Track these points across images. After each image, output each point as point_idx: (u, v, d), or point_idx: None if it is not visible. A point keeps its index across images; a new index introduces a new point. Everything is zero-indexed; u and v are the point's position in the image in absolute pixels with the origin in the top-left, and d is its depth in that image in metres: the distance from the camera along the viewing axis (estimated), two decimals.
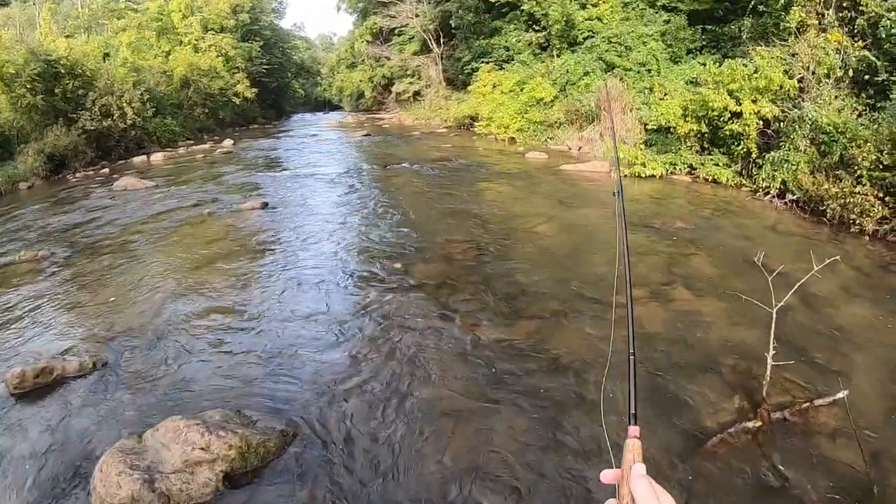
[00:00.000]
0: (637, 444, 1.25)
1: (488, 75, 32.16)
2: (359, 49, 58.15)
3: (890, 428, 5.37)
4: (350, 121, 49.88)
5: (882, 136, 11.17)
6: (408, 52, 48.15)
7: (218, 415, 5.27)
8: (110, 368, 6.67)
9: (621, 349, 1.56)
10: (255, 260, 10.32)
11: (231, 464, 4.74)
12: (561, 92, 26.32)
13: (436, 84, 44.98)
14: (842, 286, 8.59)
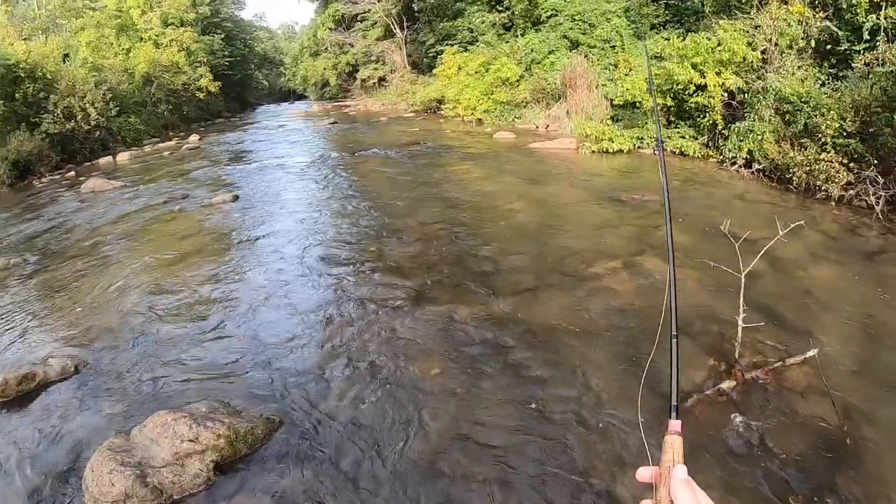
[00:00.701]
0: (678, 441, 1.18)
1: (453, 58, 32.05)
2: (322, 37, 57.68)
3: (860, 383, 5.46)
4: (316, 110, 49.35)
5: (845, 104, 11.30)
6: (371, 38, 47.86)
7: (204, 406, 5.25)
8: (92, 370, 6.56)
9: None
10: (229, 253, 10.21)
11: (221, 453, 4.74)
12: (526, 71, 26.27)
13: (401, 69, 44.77)
14: (809, 250, 8.68)
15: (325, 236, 10.87)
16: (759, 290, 7.18)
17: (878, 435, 4.75)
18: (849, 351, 6.00)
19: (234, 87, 59.46)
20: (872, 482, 4.28)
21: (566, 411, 5.25)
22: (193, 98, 45.34)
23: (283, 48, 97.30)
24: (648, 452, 1.28)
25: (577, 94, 20.74)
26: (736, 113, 14.94)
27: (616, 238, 9.69)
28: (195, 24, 50.94)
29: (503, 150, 19.75)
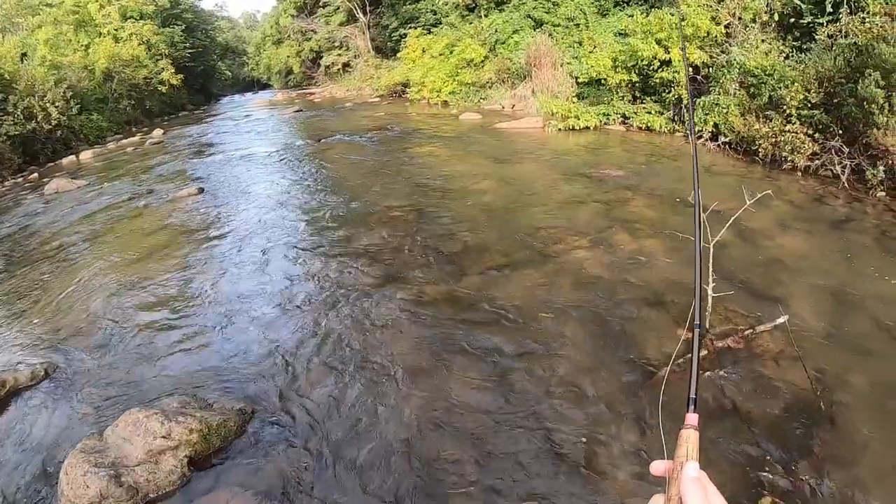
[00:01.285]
0: (694, 436, 1.11)
1: (417, 40, 31.83)
2: (284, 24, 57.02)
3: (831, 348, 5.48)
4: (280, 98, 48.71)
5: (809, 76, 11.35)
6: (334, 24, 47.36)
7: (175, 401, 5.18)
8: (62, 372, 6.41)
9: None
10: (196, 246, 10.01)
11: (194, 448, 4.68)
12: (491, 52, 26.16)
13: (365, 53, 44.39)
14: (777, 220, 8.70)
15: (292, 225, 10.70)
16: (728, 260, 7.19)
17: (851, 398, 4.77)
18: (819, 317, 6.01)
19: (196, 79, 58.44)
20: (846, 445, 4.29)
21: (538, 387, 5.22)
22: (156, 92, 44.35)
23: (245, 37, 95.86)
24: (664, 445, 1.22)
25: (542, 72, 20.64)
26: (701, 87, 14.95)
27: (584, 214, 9.66)
28: (155, 17, 49.86)
29: (469, 131, 19.65)
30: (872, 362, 5.26)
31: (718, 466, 4.12)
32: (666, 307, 6.42)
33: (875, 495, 3.85)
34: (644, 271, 7.34)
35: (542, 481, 4.16)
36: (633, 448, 4.41)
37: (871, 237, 8.09)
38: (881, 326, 5.82)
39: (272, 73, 70.38)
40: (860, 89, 9.97)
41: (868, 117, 9.88)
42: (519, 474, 4.23)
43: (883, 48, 9.89)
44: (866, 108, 9.86)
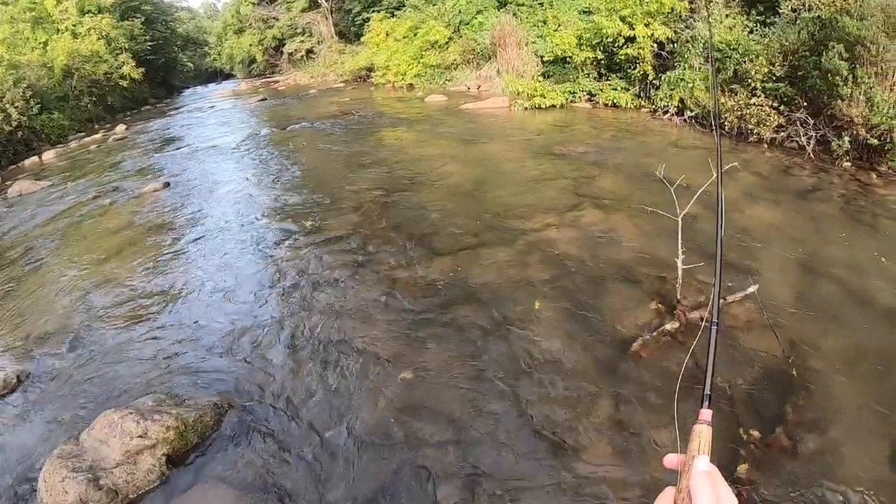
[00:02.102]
0: (707, 431, 1.10)
1: (380, 24, 31.53)
2: (245, 13, 56.02)
3: (801, 314, 5.53)
4: (244, 88, 47.94)
5: (773, 50, 11.47)
6: (296, 10, 46.75)
7: (150, 400, 5.09)
8: (35, 378, 6.21)
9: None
10: (164, 241, 9.76)
11: (171, 445, 4.62)
12: (455, 33, 25.90)
13: (328, 39, 43.93)
14: (744, 191, 8.71)
15: (260, 215, 10.48)
16: (697, 232, 7.18)
17: (823, 363, 4.80)
18: (788, 285, 6.06)
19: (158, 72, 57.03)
20: (820, 409, 4.32)
21: (515, 365, 5.17)
22: (117, 87, 43.19)
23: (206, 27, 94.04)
24: (678, 438, 1.23)
25: (507, 52, 20.55)
26: (666, 63, 14.98)
27: (552, 191, 9.59)
28: (113, 10, 48.54)
29: (436, 113, 19.51)
30: (842, 327, 5.32)
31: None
32: (637, 281, 6.40)
33: (849, 458, 3.88)
34: (614, 246, 7.32)
35: (522, 459, 4.13)
36: (610, 421, 4.40)
37: (838, 206, 8.16)
38: (849, 292, 5.89)
39: (235, 62, 69.26)
40: (824, 62, 10.04)
41: (832, 89, 9.96)
42: (500, 453, 4.20)
43: (846, 21, 9.95)
44: (830, 80, 9.92)
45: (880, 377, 4.63)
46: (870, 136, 9.35)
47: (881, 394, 4.43)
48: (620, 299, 6.07)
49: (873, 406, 4.32)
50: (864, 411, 4.28)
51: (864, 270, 6.32)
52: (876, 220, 7.68)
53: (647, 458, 4.02)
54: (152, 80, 52.34)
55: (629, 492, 3.79)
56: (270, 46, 55.02)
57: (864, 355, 4.90)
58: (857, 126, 9.51)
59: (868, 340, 5.11)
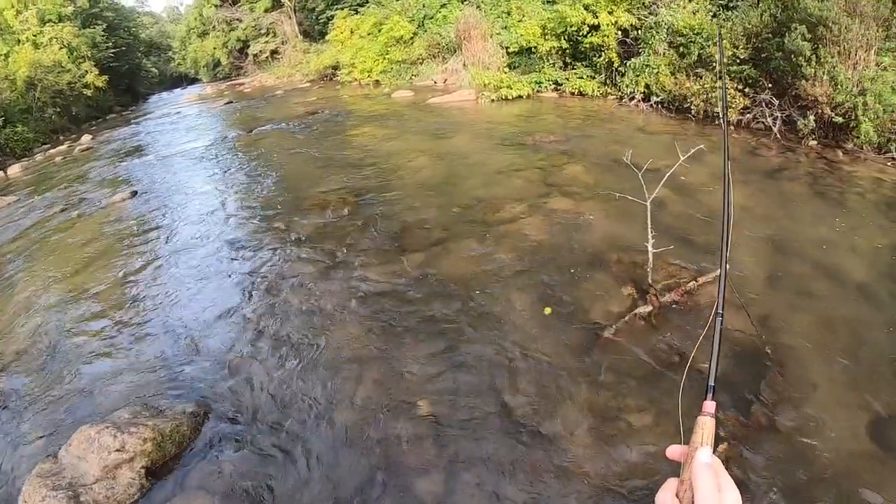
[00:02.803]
0: (710, 423, 1.12)
1: (345, 21, 31.32)
2: (208, 15, 55.38)
3: (773, 293, 5.57)
4: (210, 92, 47.46)
5: (737, 33, 11.55)
6: (259, 10, 46.35)
7: (126, 412, 4.96)
8: (7, 398, 6.01)
9: None
10: (133, 252, 9.51)
11: (150, 457, 4.51)
12: (420, 28, 25.87)
13: (293, 39, 43.63)
14: (712, 174, 8.73)
15: (229, 219, 10.30)
16: (667, 216, 7.25)
17: (796, 340, 4.84)
18: (759, 264, 6.10)
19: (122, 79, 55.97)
20: (794, 385, 4.35)
21: (490, 357, 5.13)
22: (81, 97, 42.28)
23: (169, 32, 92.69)
24: (682, 430, 1.21)
25: (472, 45, 20.50)
26: (631, 50, 15.01)
27: (521, 181, 9.53)
28: (74, 18, 47.71)
29: (403, 108, 19.41)
30: (814, 303, 5.38)
31: (673, 416, 4.07)
32: (608, 266, 6.38)
33: (826, 431, 3.92)
34: (584, 233, 7.29)
35: (502, 450, 4.10)
36: (587, 408, 4.38)
37: (805, 184, 8.26)
38: (819, 268, 5.96)
39: (199, 66, 68.50)
40: (787, 43, 10.11)
41: (796, 70, 10.04)
42: (478, 446, 4.17)
43: (808, 2, 10.03)
44: (794, 60, 9.99)
45: (852, 350, 4.69)
46: (834, 114, 9.46)
47: (853, 366, 4.51)
48: (593, 285, 6.04)
49: (846, 378, 4.40)
50: (838, 384, 4.34)
51: (833, 245, 6.41)
52: (843, 196, 7.80)
53: (625, 443, 4.01)
54: (117, 87, 51.46)
55: (609, 477, 3.77)
56: (235, 48, 54.49)
57: (836, 329, 4.96)
58: (822, 105, 9.61)
59: (839, 314, 5.18)
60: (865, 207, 7.44)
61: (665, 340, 4.98)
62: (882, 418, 4.01)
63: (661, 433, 4.04)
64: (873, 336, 4.87)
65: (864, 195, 7.82)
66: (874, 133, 9.04)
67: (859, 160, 9.08)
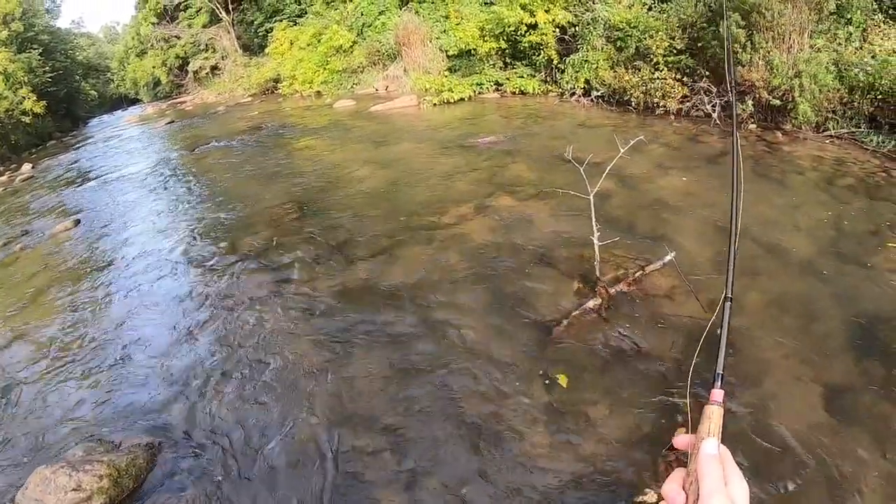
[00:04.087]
0: (718, 412, 1.07)
1: (284, 33, 31.04)
2: (145, 33, 54.44)
3: (720, 276, 5.51)
4: (151, 112, 46.60)
5: (672, 24, 11.73)
6: (197, 26, 45.70)
7: (80, 450, 4.79)
8: None
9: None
10: (79, 283, 9.14)
11: (107, 494, 4.33)
12: (359, 36, 25.72)
13: (232, 53, 43.08)
14: (655, 163, 8.80)
15: (174, 243, 9.96)
16: (611, 208, 7.27)
17: (747, 320, 4.87)
18: (705, 248, 6.14)
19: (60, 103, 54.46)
20: (749, 364, 4.38)
21: (444, 362, 5.04)
22: (20, 124, 41.26)
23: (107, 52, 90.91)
24: (689, 418, 1.20)
25: (412, 50, 20.44)
26: (570, 46, 15.08)
27: (465, 184, 9.44)
28: (9, 43, 46.60)
29: (345, 118, 19.23)
30: (762, 282, 5.43)
31: (630, 407, 4.14)
32: (556, 262, 6.33)
33: (783, 407, 3.97)
34: (530, 231, 7.26)
35: (461, 455, 4.03)
36: (543, 406, 4.33)
37: (747, 167, 8.31)
38: (764, 246, 6.03)
39: (139, 86, 67.41)
40: (722, 31, 10.17)
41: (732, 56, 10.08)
42: (437, 454, 4.08)
43: None
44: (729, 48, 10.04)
45: (802, 325, 4.78)
46: (772, 97, 9.61)
47: (805, 341, 4.59)
48: (541, 283, 5.99)
49: (799, 353, 4.46)
50: (792, 360, 4.39)
51: (777, 224, 6.48)
52: (784, 175, 7.92)
53: (583, 436, 3.97)
54: (56, 112, 50.16)
55: (569, 472, 3.72)
56: (174, 66, 53.67)
57: (785, 306, 5.03)
58: (759, 89, 9.76)
59: (787, 291, 5.26)
60: (806, 185, 7.58)
61: (616, 331, 4.95)
62: (836, 389, 4.08)
63: (617, 424, 4.02)
64: (821, 309, 4.95)
65: (804, 173, 7.95)
66: (812, 113, 9.19)
67: (798, 140, 9.25)
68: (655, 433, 3.87)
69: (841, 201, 6.97)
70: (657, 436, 3.87)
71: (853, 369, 4.22)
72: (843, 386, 4.08)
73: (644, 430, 3.93)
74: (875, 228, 6.19)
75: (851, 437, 3.67)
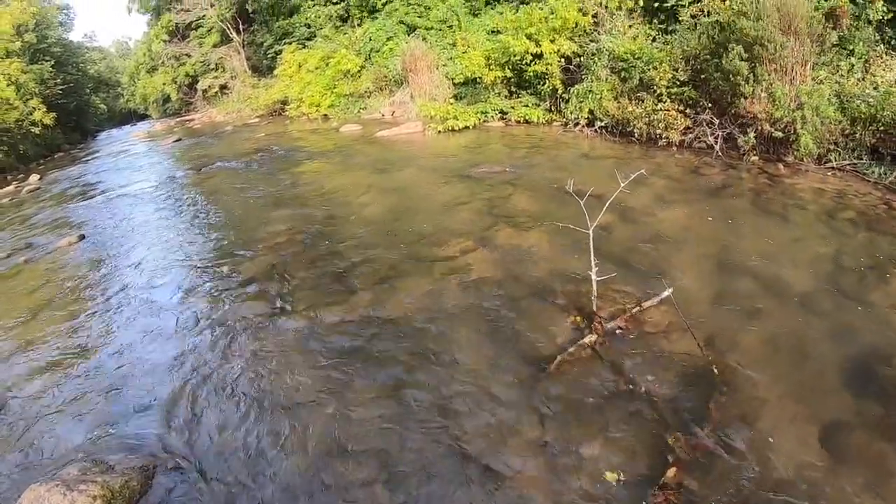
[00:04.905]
0: None
1: (293, 55, 31.18)
2: (157, 50, 54.82)
3: (718, 313, 5.60)
4: (159, 128, 46.83)
5: (676, 56, 11.85)
6: (208, 46, 46.03)
7: (75, 469, 4.81)
8: None
9: None
10: (80, 299, 9.17)
11: None
12: (367, 61, 25.95)
13: (241, 74, 43.36)
14: (656, 196, 8.82)
15: (175, 264, 10.01)
16: (611, 242, 7.27)
17: (743, 357, 4.89)
18: (703, 284, 6.12)
19: (70, 116, 54.71)
20: (744, 404, 4.38)
21: (439, 396, 5.06)
22: (29, 135, 41.51)
23: (118, 67, 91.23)
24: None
25: (418, 77, 20.60)
26: (574, 76, 15.20)
27: (467, 215, 9.44)
28: (22, 54, 46.86)
29: (350, 143, 19.30)
30: (759, 320, 5.42)
31: (623, 445, 4.16)
32: (553, 297, 6.32)
33: (777, 448, 3.97)
34: (529, 264, 7.25)
35: (454, 489, 4.05)
36: (537, 442, 4.34)
37: (748, 200, 8.37)
38: (763, 283, 6.02)
39: (149, 102, 67.69)
40: (725, 63, 10.36)
41: (735, 89, 10.29)
42: (430, 486, 4.11)
43: (744, 23, 10.24)
44: (732, 80, 10.21)
45: (798, 364, 4.77)
46: (774, 129, 9.68)
47: (800, 380, 4.58)
48: (538, 317, 6.00)
49: (795, 393, 4.44)
50: (786, 400, 4.38)
51: (777, 259, 6.48)
52: (786, 209, 7.92)
53: (576, 474, 3.98)
54: (65, 124, 50.40)
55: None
56: (184, 84, 53.98)
57: (781, 345, 5.02)
58: (762, 121, 9.85)
59: (784, 329, 5.23)
60: (806, 218, 7.59)
61: (610, 369, 4.95)
62: (831, 428, 4.08)
63: (610, 463, 4.02)
64: (817, 346, 4.95)
65: (805, 206, 7.95)
66: (813, 145, 9.22)
67: (800, 172, 9.27)
68: (646, 473, 3.88)
69: (842, 234, 6.99)
70: (648, 475, 3.86)
71: (849, 408, 4.22)
72: (838, 426, 4.08)
73: (636, 470, 3.92)
74: (874, 263, 6.19)
75: (847, 478, 3.67)
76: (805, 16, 9.75)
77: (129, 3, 55.03)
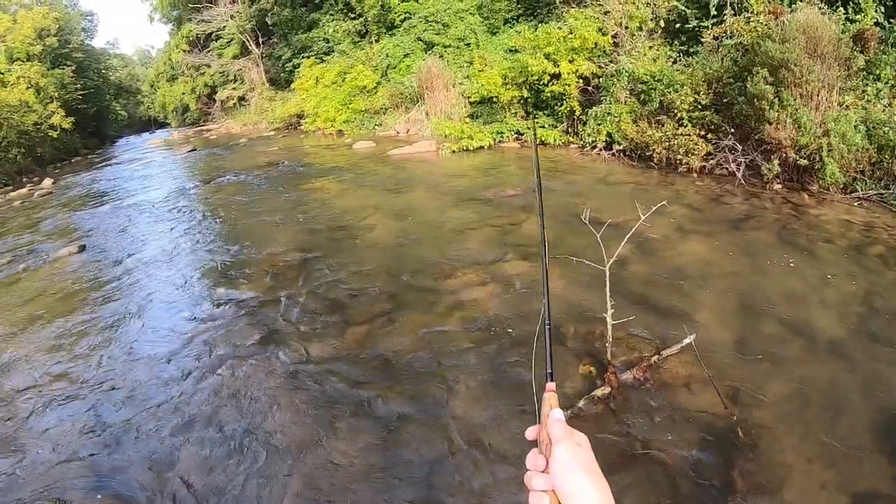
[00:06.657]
0: (554, 396, 1.22)
1: (310, 70, 31.23)
2: (177, 60, 55.24)
3: (742, 362, 5.18)
4: (176, 137, 47.16)
5: (697, 79, 11.53)
6: (227, 57, 46.24)
7: None
8: None
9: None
10: (72, 314, 8.89)
11: None
12: (383, 77, 25.86)
13: (259, 86, 43.50)
14: (676, 227, 8.46)
15: (170, 284, 9.70)
16: (627, 278, 6.87)
17: (768, 414, 4.48)
18: (727, 328, 5.74)
19: (90, 121, 54.93)
20: (769, 470, 3.99)
21: (431, 447, 4.68)
22: (47, 138, 41.64)
23: (139, 74, 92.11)
24: (537, 413, 1.23)
25: (434, 95, 20.44)
26: (592, 98, 14.96)
27: (476, 242, 9.10)
28: (43, 58, 47.10)
29: (363, 160, 19.14)
30: (785, 368, 5.02)
31: None
32: (564, 341, 5.88)
33: None
34: (540, 301, 6.74)
35: None
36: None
37: (772, 231, 8.03)
38: (790, 327, 5.64)
39: (168, 110, 68.30)
40: (749, 87, 10.07)
41: (759, 113, 9.97)
42: None
43: (769, 45, 9.94)
44: (757, 104, 9.88)
45: (828, 422, 4.34)
46: (799, 157, 9.33)
47: (831, 441, 4.15)
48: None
49: (825, 456, 4.03)
50: (816, 464, 3.97)
51: (804, 300, 6.10)
52: (812, 242, 7.57)
53: None
54: (84, 129, 50.59)
55: None
56: (203, 94, 54.39)
57: (810, 398, 4.62)
58: (786, 148, 9.49)
59: (813, 379, 4.85)
60: (834, 254, 7.22)
61: (624, 427, 4.52)
62: (865, 498, 3.68)
63: None
64: (849, 400, 4.54)
65: (832, 240, 7.59)
66: (840, 174, 8.89)
67: (826, 202, 8.94)
68: None
69: (871, 272, 6.62)
70: None
71: (885, 474, 3.83)
72: (872, 491, 3.70)
73: None
74: None
75: None
76: (832, 39, 9.43)
77: (152, 12, 55.42)
